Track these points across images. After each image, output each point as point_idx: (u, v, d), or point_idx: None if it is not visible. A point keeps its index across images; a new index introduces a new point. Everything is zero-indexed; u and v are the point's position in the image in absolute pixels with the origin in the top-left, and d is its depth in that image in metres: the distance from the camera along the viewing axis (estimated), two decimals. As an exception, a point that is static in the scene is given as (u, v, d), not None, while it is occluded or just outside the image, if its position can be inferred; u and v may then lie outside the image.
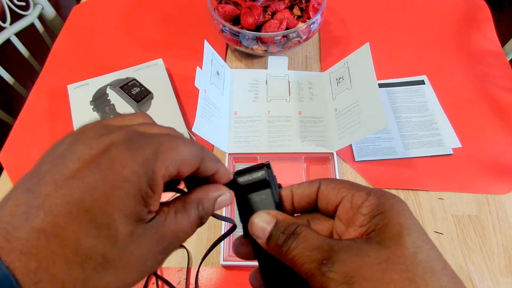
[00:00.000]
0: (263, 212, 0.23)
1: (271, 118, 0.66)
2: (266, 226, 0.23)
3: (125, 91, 0.67)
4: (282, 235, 0.22)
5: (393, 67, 0.73)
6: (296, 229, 0.22)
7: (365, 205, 0.21)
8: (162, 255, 0.21)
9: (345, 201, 0.23)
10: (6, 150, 0.63)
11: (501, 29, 0.81)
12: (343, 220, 0.23)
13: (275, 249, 0.22)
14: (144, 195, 0.19)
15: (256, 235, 0.23)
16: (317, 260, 0.20)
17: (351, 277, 0.19)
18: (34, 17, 0.88)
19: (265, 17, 0.68)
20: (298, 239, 0.21)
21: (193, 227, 0.22)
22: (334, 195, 0.23)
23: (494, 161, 0.61)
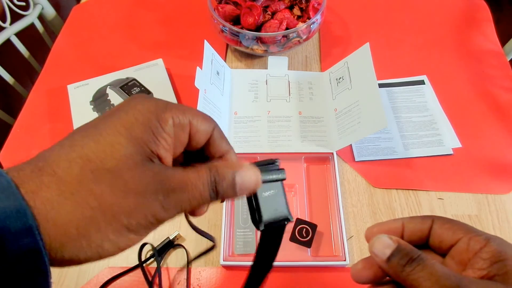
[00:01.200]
0: (384, 236, 0.25)
1: (271, 118, 0.66)
2: (387, 247, 0.24)
3: (125, 91, 0.67)
4: (405, 257, 0.23)
5: (393, 67, 0.73)
6: (420, 255, 0.23)
7: (485, 250, 0.23)
8: (164, 198, 0.21)
9: (461, 243, 0.24)
10: (6, 150, 0.63)
11: (501, 29, 0.81)
12: (455, 260, 0.24)
13: (395, 269, 0.23)
14: (153, 127, 0.21)
15: (376, 253, 0.24)
16: (445, 287, 0.21)
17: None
18: (34, 17, 0.88)
19: (265, 17, 0.68)
20: (425, 263, 0.22)
21: (204, 186, 0.22)
22: (449, 236, 0.25)
23: (494, 161, 0.61)
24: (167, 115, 0.22)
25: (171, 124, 0.22)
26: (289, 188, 0.58)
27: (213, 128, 0.24)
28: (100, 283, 0.50)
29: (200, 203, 0.22)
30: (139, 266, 0.51)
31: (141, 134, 0.21)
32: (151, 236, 0.53)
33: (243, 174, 0.23)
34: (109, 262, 0.52)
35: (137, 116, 0.21)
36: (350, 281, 0.26)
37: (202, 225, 0.55)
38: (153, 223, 0.21)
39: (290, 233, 0.51)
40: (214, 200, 0.23)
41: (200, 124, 0.23)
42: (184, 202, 0.21)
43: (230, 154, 0.26)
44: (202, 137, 0.24)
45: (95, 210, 0.19)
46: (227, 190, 0.23)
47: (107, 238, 0.20)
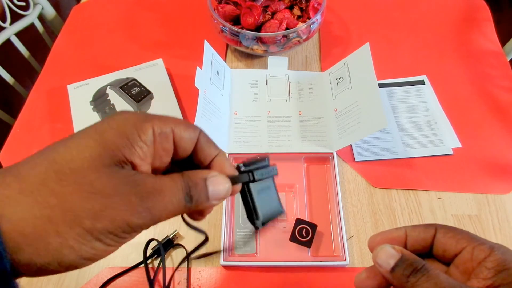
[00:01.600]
0: (388, 246, 0.25)
1: (271, 118, 0.66)
2: (390, 258, 0.24)
3: (125, 91, 0.67)
4: (410, 267, 0.23)
5: (393, 67, 0.73)
6: (424, 265, 0.23)
7: (490, 259, 0.23)
8: (138, 201, 0.20)
9: (465, 253, 0.24)
10: (6, 150, 0.63)
11: (501, 29, 0.81)
12: (460, 269, 0.24)
13: (399, 279, 0.23)
14: (129, 134, 0.21)
15: (380, 264, 0.24)
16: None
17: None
18: (34, 17, 0.88)
19: (265, 17, 0.68)
20: (429, 274, 0.22)
21: (179, 190, 0.21)
22: (452, 245, 0.25)
23: (494, 161, 0.61)
24: (147, 125, 0.21)
25: (150, 134, 0.21)
26: (289, 188, 0.58)
27: (198, 134, 0.24)
28: (100, 283, 0.50)
29: (176, 209, 0.21)
30: (142, 263, 0.51)
31: (113, 138, 0.20)
32: (150, 235, 0.53)
33: (214, 180, 0.23)
34: (109, 262, 0.52)
35: (111, 123, 0.21)
36: (350, 281, 0.27)
37: (202, 225, 0.55)
38: (123, 229, 0.20)
39: (290, 233, 0.51)
40: (189, 206, 0.22)
41: (183, 131, 0.23)
42: (159, 207, 0.20)
43: (220, 156, 0.25)
44: (188, 144, 0.24)
45: (55, 209, 0.18)
46: (201, 195, 0.22)
47: (66, 243, 0.18)
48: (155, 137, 0.22)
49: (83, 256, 0.19)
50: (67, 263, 0.19)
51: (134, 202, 0.20)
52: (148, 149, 0.21)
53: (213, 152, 0.25)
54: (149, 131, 0.21)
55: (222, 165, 0.25)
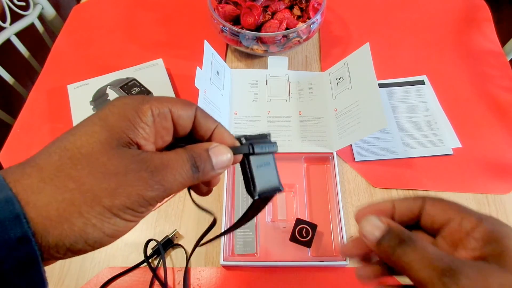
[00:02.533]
0: (374, 217, 0.24)
1: (271, 118, 0.66)
2: (377, 229, 0.24)
3: (125, 91, 0.67)
4: (397, 238, 0.23)
5: (393, 67, 0.73)
6: (411, 236, 0.23)
7: (478, 230, 0.22)
8: (149, 175, 0.21)
9: (453, 223, 0.24)
10: (6, 150, 0.63)
11: (501, 29, 0.81)
12: (447, 240, 0.24)
13: (386, 251, 0.23)
14: (130, 116, 0.22)
15: (366, 236, 0.24)
16: (438, 270, 0.20)
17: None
18: (34, 17, 0.88)
19: (265, 17, 0.68)
20: (416, 245, 0.22)
21: (184, 162, 0.22)
22: (440, 215, 0.24)
23: (494, 161, 0.61)
24: (145, 107, 0.23)
25: (150, 115, 0.23)
26: (289, 188, 0.58)
27: (194, 110, 0.25)
28: (100, 283, 0.50)
29: (185, 179, 0.22)
30: (142, 263, 0.51)
31: (117, 122, 0.22)
32: (149, 235, 0.53)
33: (216, 150, 0.24)
34: (109, 262, 0.52)
35: (113, 109, 0.22)
36: (350, 281, 0.27)
37: (203, 222, 0.55)
38: (140, 203, 0.21)
39: (290, 233, 0.51)
40: (197, 176, 0.23)
41: (180, 110, 0.24)
42: (169, 179, 0.22)
43: (218, 128, 0.26)
44: (186, 121, 0.25)
45: (74, 192, 0.19)
46: (206, 165, 0.23)
47: (89, 222, 0.19)
48: (154, 118, 0.23)
49: (106, 232, 0.20)
50: (92, 241, 0.20)
51: (145, 177, 0.21)
52: (150, 129, 0.23)
53: (211, 126, 0.26)
54: (148, 113, 0.22)
55: (221, 136, 0.26)
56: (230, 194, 0.56)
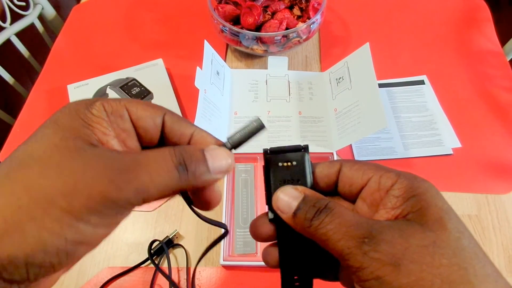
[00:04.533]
0: (289, 187, 0.22)
1: (271, 118, 0.66)
2: (293, 200, 0.21)
3: (125, 91, 0.67)
4: (312, 209, 0.21)
5: (393, 67, 0.73)
6: (328, 203, 0.21)
7: (397, 187, 0.20)
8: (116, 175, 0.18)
9: (372, 183, 0.22)
10: (6, 150, 0.63)
11: (501, 29, 0.81)
12: (367, 202, 0.22)
13: (302, 224, 0.21)
14: (81, 114, 0.19)
15: (281, 209, 0.22)
16: (356, 238, 0.19)
17: (398, 259, 0.18)
18: (34, 17, 0.88)
19: (265, 17, 0.68)
20: (333, 214, 0.20)
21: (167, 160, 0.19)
22: (359, 177, 0.22)
23: (494, 161, 0.61)
24: (96, 103, 0.20)
25: (101, 109, 0.20)
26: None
27: (162, 114, 0.22)
28: (100, 283, 0.50)
29: (167, 180, 0.19)
30: (143, 263, 0.51)
31: (69, 122, 0.19)
32: (149, 235, 0.53)
33: (213, 152, 0.21)
34: (109, 262, 0.52)
35: (64, 110, 0.20)
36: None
37: (202, 225, 0.55)
38: (105, 205, 0.17)
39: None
40: (185, 178, 0.20)
41: (140, 110, 0.21)
42: (144, 179, 0.18)
43: (198, 133, 0.23)
44: (149, 125, 0.22)
45: (22, 196, 0.17)
46: (199, 166, 0.20)
47: (44, 226, 0.16)
48: (108, 114, 0.20)
49: (68, 239, 0.17)
50: (53, 249, 0.17)
51: (110, 175, 0.18)
52: (106, 123, 0.20)
53: (187, 130, 0.22)
54: (99, 107, 0.20)
55: (203, 141, 0.23)
56: (230, 195, 0.56)
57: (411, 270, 0.17)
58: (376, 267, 0.18)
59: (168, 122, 0.22)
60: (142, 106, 0.21)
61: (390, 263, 0.18)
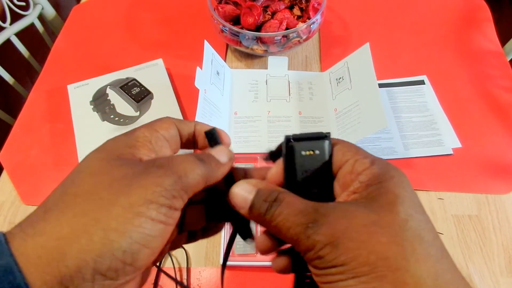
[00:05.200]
0: (243, 182, 0.23)
1: (271, 118, 0.66)
2: (248, 195, 0.22)
3: (125, 91, 0.67)
4: (264, 203, 0.21)
5: (393, 67, 0.73)
6: (278, 196, 0.21)
7: (366, 173, 0.21)
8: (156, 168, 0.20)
9: (347, 165, 0.22)
10: (6, 150, 0.63)
11: (501, 29, 0.81)
12: (340, 183, 0.22)
13: (258, 219, 0.22)
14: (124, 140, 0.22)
15: (238, 205, 0.22)
16: (302, 224, 0.19)
17: (337, 238, 0.18)
18: (34, 17, 0.88)
19: (265, 17, 0.68)
20: (281, 205, 0.21)
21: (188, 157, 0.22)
22: (338, 157, 0.23)
23: (494, 161, 0.61)
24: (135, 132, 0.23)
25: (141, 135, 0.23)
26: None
27: (174, 124, 0.25)
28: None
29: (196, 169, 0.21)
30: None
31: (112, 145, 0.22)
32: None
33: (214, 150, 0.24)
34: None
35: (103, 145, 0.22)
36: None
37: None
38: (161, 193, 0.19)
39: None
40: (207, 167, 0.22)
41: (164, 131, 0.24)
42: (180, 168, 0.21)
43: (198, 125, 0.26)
44: (174, 133, 0.25)
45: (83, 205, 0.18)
46: (210, 159, 0.23)
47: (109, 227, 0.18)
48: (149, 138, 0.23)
49: (133, 238, 0.18)
50: (120, 251, 0.17)
51: (154, 170, 0.20)
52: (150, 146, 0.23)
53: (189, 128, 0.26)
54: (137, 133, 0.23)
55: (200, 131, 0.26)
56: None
57: (348, 247, 0.18)
58: (318, 247, 0.19)
59: (180, 128, 0.25)
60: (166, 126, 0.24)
61: (329, 242, 0.18)
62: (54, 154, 0.62)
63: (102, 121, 0.64)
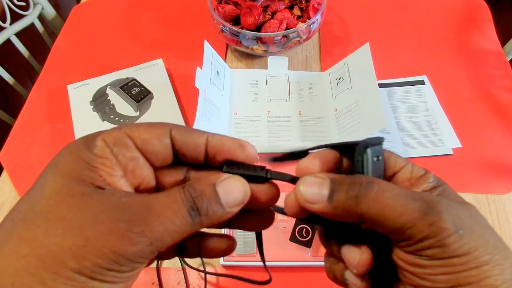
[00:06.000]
0: (309, 176, 0.20)
1: (271, 118, 0.66)
2: (321, 187, 0.20)
3: (125, 91, 0.67)
4: (353, 186, 0.19)
5: (393, 67, 0.73)
6: (367, 177, 0.19)
7: (429, 176, 0.22)
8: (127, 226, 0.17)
9: (405, 171, 0.23)
10: (6, 150, 0.63)
11: (501, 29, 0.81)
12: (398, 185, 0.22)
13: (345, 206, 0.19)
14: (83, 155, 0.18)
15: (312, 200, 0.20)
16: (418, 210, 0.18)
17: (460, 227, 0.18)
18: (34, 17, 0.88)
19: (265, 17, 0.68)
20: (379, 187, 0.19)
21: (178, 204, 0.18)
22: (392, 162, 0.23)
23: (494, 161, 0.61)
24: (96, 139, 0.19)
25: (103, 145, 0.18)
26: (289, 188, 0.58)
27: (168, 131, 0.20)
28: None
29: (181, 228, 0.18)
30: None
31: (69, 165, 0.18)
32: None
33: (225, 183, 0.19)
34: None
35: (63, 152, 0.19)
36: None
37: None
38: (119, 262, 0.16)
39: (290, 233, 0.51)
40: (198, 221, 0.18)
41: (143, 134, 0.19)
42: (157, 229, 0.17)
43: (211, 137, 0.21)
44: (158, 147, 0.20)
45: (28, 258, 0.16)
46: (210, 205, 0.19)
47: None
48: (111, 148, 0.19)
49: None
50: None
51: (121, 228, 0.16)
52: (111, 161, 0.18)
53: (200, 139, 0.21)
54: (99, 143, 0.18)
55: (222, 146, 0.21)
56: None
57: (471, 237, 0.18)
58: (443, 236, 0.18)
59: (177, 137, 0.20)
60: (145, 129, 0.20)
61: (455, 231, 0.18)
62: (54, 154, 0.62)
63: (102, 121, 0.64)
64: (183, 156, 0.21)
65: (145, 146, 0.20)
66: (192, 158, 0.21)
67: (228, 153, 0.21)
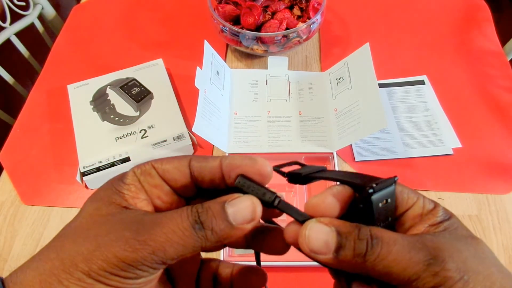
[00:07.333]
0: (314, 222, 0.20)
1: (271, 118, 0.66)
2: (327, 237, 0.19)
3: (125, 91, 0.67)
4: (360, 242, 0.19)
5: (393, 67, 0.73)
6: (371, 231, 0.19)
7: (438, 210, 0.21)
8: (132, 234, 0.18)
9: (416, 207, 0.22)
10: (6, 150, 0.63)
11: (501, 29, 0.81)
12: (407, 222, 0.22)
13: (351, 262, 0.19)
14: (115, 184, 0.21)
15: (317, 251, 0.19)
16: (421, 261, 0.18)
17: (465, 272, 0.18)
18: (34, 17, 0.88)
19: (265, 17, 0.68)
20: (384, 242, 0.19)
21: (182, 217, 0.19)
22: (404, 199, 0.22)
23: (494, 161, 0.61)
24: (129, 172, 0.22)
25: (132, 175, 0.22)
26: (289, 188, 0.58)
27: (187, 162, 0.22)
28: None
29: (183, 239, 0.19)
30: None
31: (104, 192, 0.21)
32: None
33: (234, 202, 0.20)
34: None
35: (102, 186, 0.22)
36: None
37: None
38: (121, 267, 0.18)
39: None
40: (202, 235, 0.19)
41: (165, 164, 0.22)
42: (159, 238, 0.18)
43: (224, 159, 0.22)
44: (176, 174, 0.22)
45: (54, 261, 0.18)
46: (216, 220, 0.19)
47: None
48: (138, 177, 0.22)
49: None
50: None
51: (127, 236, 0.18)
52: (135, 187, 0.21)
53: (213, 162, 0.22)
54: (129, 174, 0.22)
55: (231, 164, 0.21)
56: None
57: (477, 280, 0.18)
58: (448, 285, 0.18)
59: (195, 164, 0.22)
60: (167, 160, 0.22)
61: (460, 278, 0.18)
62: (54, 154, 0.62)
63: (102, 121, 0.64)
64: (202, 182, 0.22)
65: (166, 174, 0.22)
66: (210, 181, 0.22)
67: (240, 168, 0.21)
